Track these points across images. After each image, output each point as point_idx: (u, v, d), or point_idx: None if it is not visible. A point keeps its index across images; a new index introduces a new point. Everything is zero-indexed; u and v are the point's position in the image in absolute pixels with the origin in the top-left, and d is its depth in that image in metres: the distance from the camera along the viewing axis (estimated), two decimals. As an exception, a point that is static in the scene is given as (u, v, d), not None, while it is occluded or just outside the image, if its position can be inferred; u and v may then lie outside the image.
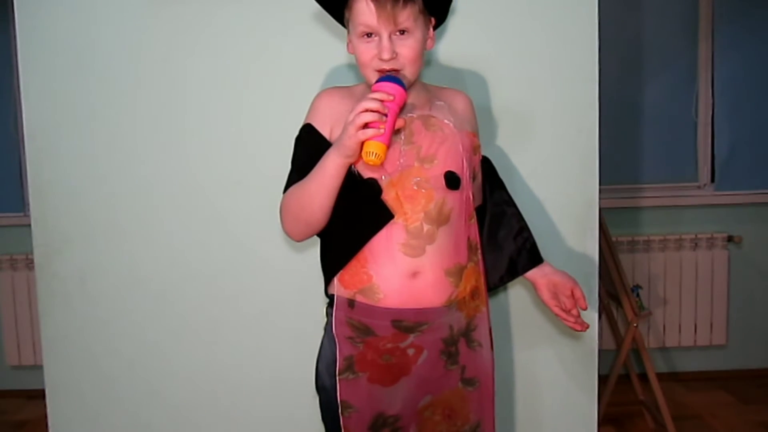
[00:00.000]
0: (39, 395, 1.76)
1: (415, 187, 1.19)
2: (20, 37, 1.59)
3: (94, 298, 1.63)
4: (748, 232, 3.09)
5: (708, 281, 3.05)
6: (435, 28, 1.27)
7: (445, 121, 1.25)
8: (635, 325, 2.44)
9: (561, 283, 1.34)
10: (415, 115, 1.23)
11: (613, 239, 2.62)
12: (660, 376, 2.53)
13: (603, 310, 2.64)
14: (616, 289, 2.48)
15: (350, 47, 1.24)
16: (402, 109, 1.14)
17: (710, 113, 3.09)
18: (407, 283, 1.19)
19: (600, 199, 1.62)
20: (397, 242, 1.19)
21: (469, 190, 1.26)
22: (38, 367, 1.91)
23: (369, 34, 1.18)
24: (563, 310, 1.33)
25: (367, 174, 1.19)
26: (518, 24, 1.57)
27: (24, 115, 1.60)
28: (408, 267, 1.19)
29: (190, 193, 1.61)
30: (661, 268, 3.05)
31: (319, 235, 1.25)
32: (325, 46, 1.57)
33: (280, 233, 1.60)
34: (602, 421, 1.93)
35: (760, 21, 3.05)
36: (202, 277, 1.62)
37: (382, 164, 1.13)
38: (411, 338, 1.21)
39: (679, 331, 3.08)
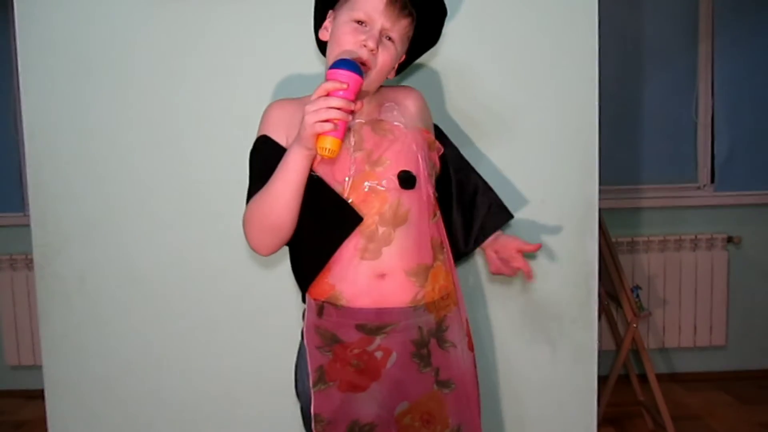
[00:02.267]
0: (38, 395, 1.76)
1: (367, 191, 1.18)
2: (20, 37, 1.59)
3: (93, 298, 1.63)
4: (748, 232, 3.09)
5: (708, 282, 3.05)
6: (399, 66, 1.28)
7: (395, 123, 1.24)
8: (635, 325, 2.44)
9: (506, 243, 1.33)
10: (363, 121, 1.23)
11: (613, 239, 2.62)
12: (659, 377, 2.53)
13: (603, 311, 2.65)
14: (615, 289, 2.48)
15: (324, 33, 1.25)
16: (357, 94, 1.12)
17: (710, 113, 3.09)
18: (368, 285, 1.18)
19: (600, 199, 1.62)
20: (354, 247, 1.18)
21: (429, 188, 1.24)
22: (38, 367, 1.91)
23: (361, 22, 1.18)
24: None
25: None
26: (518, 24, 1.57)
27: (24, 115, 1.60)
28: (367, 270, 1.18)
29: (189, 193, 1.61)
30: (661, 268, 3.05)
31: (288, 245, 1.23)
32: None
33: (279, 233, 1.60)
34: (602, 422, 1.94)
35: (760, 21, 3.05)
36: (202, 277, 1.62)
37: (334, 158, 1.14)
38: (377, 341, 1.19)
39: (679, 332, 3.08)
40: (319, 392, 1.20)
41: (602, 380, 1.88)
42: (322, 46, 1.29)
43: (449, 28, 1.56)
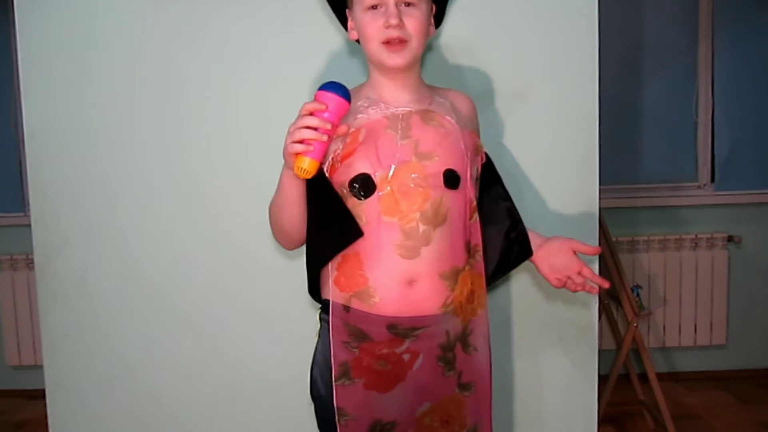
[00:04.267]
0: (39, 395, 1.76)
1: (412, 185, 1.15)
2: (20, 37, 1.59)
3: (93, 298, 1.63)
4: (748, 232, 3.09)
5: (708, 281, 3.05)
6: (435, 19, 1.26)
7: (447, 117, 1.22)
8: (635, 325, 2.44)
9: (565, 266, 1.29)
10: (413, 109, 1.20)
11: (613, 239, 2.62)
12: (660, 376, 2.53)
13: (603, 310, 2.65)
14: (616, 288, 2.48)
15: (352, 33, 1.24)
16: (341, 117, 1.11)
17: (710, 113, 3.09)
18: (403, 288, 1.16)
19: (600, 199, 1.62)
20: (392, 243, 1.15)
21: (471, 190, 1.22)
22: (38, 367, 1.91)
23: (375, 7, 1.16)
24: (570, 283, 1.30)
25: (359, 170, 1.15)
26: (518, 24, 1.57)
27: (24, 115, 1.60)
28: (403, 270, 1.15)
29: (190, 194, 1.61)
30: (661, 268, 3.05)
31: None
32: (325, 47, 1.57)
33: (280, 233, 1.60)
34: (602, 421, 1.93)
35: (760, 21, 3.05)
36: (202, 278, 1.62)
37: (314, 173, 1.11)
38: (407, 343, 1.18)
39: (679, 331, 3.08)
40: (342, 387, 1.18)
41: (603, 379, 1.88)
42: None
43: (448, 29, 1.56)
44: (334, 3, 1.27)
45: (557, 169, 1.60)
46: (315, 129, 1.09)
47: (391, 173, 1.15)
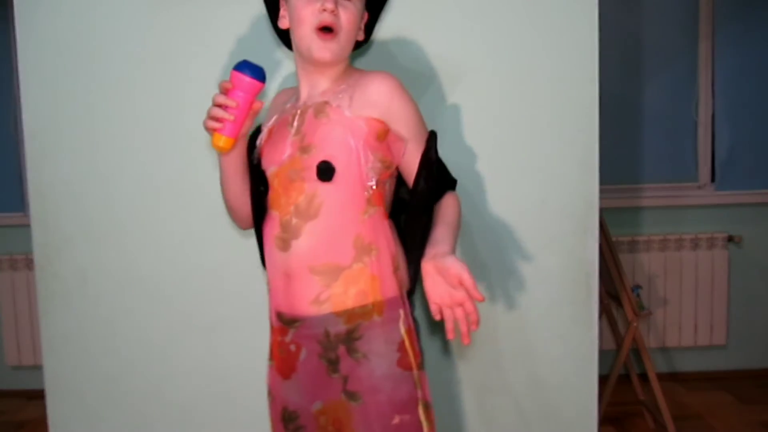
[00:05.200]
0: (39, 395, 1.76)
1: (292, 178, 1.18)
2: (20, 37, 1.59)
3: (94, 298, 1.63)
4: (748, 232, 3.09)
5: (708, 281, 3.05)
6: (366, 28, 1.28)
7: (334, 104, 1.17)
8: (635, 324, 2.44)
9: (447, 266, 1.08)
10: (310, 103, 1.21)
11: (613, 239, 2.62)
12: (660, 376, 2.53)
13: (603, 310, 2.65)
14: (616, 289, 2.48)
15: (283, 21, 1.24)
16: (250, 93, 1.16)
17: (710, 112, 3.09)
18: (282, 281, 1.19)
19: (600, 199, 1.62)
20: (273, 234, 1.20)
21: (360, 182, 1.15)
22: (38, 367, 1.91)
23: None
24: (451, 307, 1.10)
25: (262, 166, 1.23)
26: (518, 24, 1.57)
27: (24, 115, 1.60)
28: (278, 262, 1.19)
29: (189, 193, 1.61)
30: (661, 268, 3.05)
31: None
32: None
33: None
34: (603, 421, 1.94)
35: (760, 21, 3.05)
36: (202, 277, 1.62)
37: (229, 150, 1.20)
38: (290, 334, 1.20)
39: (679, 331, 3.08)
40: (269, 367, 1.28)
41: (603, 380, 1.88)
42: (284, 37, 1.30)
43: (448, 29, 1.56)
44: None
45: (557, 169, 1.60)
46: (220, 106, 1.16)
47: (275, 170, 1.20)
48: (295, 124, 1.20)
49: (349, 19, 1.18)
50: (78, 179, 1.61)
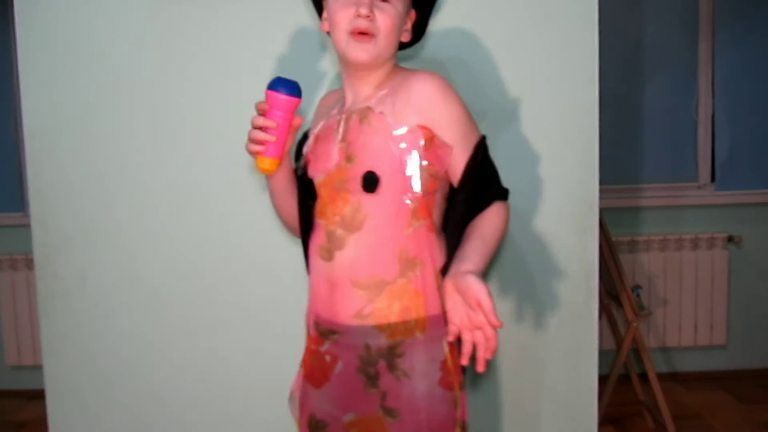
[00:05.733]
0: (39, 395, 1.76)
1: (339, 188, 1.14)
2: (20, 37, 1.59)
3: (94, 298, 1.63)
4: (748, 232, 3.09)
5: (708, 281, 3.05)
6: (415, 28, 1.21)
7: (377, 110, 1.13)
8: (635, 325, 2.44)
9: (466, 286, 1.03)
10: (354, 109, 1.16)
11: (613, 239, 2.62)
12: (660, 376, 2.53)
13: (603, 310, 2.65)
14: (616, 289, 2.49)
15: (325, 24, 1.19)
16: (288, 110, 1.14)
17: (710, 112, 3.09)
18: (325, 290, 1.16)
19: (600, 199, 1.62)
20: (317, 243, 1.18)
21: (404, 193, 1.11)
22: (38, 367, 1.91)
23: None
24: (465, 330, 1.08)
25: (310, 174, 1.20)
26: (518, 24, 1.57)
27: (24, 115, 1.60)
28: (322, 271, 1.16)
29: (190, 193, 1.61)
30: (661, 268, 3.05)
31: None
32: (325, 46, 1.57)
33: (280, 232, 1.60)
34: (603, 421, 1.94)
35: (760, 21, 3.05)
36: (203, 277, 1.62)
37: (273, 173, 1.19)
38: (327, 344, 1.17)
39: (679, 331, 3.08)
40: (299, 372, 1.25)
41: (603, 379, 1.88)
42: None
43: (448, 28, 1.56)
44: None
45: (557, 169, 1.60)
46: (261, 128, 1.14)
47: (323, 178, 1.17)
48: (341, 130, 1.15)
49: (387, 21, 1.11)
50: (78, 179, 1.61)
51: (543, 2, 1.57)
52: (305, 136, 1.26)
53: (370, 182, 1.10)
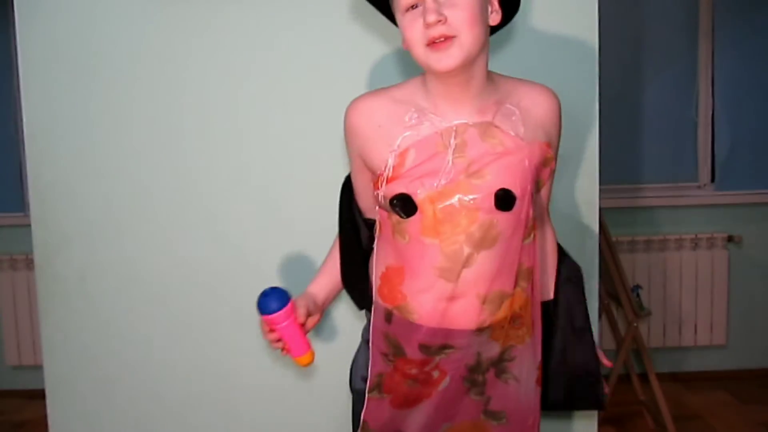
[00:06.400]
0: (39, 395, 1.76)
1: (457, 205, 1.05)
2: (20, 37, 1.59)
3: (94, 298, 1.63)
4: (748, 232, 3.09)
5: (708, 281, 3.05)
6: (505, 4, 1.09)
7: (511, 133, 1.08)
8: (635, 325, 2.44)
9: None
10: (470, 123, 1.07)
11: (614, 239, 2.62)
12: (660, 376, 2.53)
13: (603, 310, 2.64)
14: (616, 289, 2.48)
15: (404, 42, 1.08)
16: (292, 317, 1.16)
17: (710, 112, 3.09)
18: (439, 306, 1.10)
19: (600, 198, 1.62)
20: (432, 265, 1.08)
21: (528, 209, 1.09)
22: (38, 367, 1.91)
23: (414, 6, 1.02)
24: None
25: (401, 189, 1.07)
26: (518, 24, 1.57)
27: (24, 115, 1.60)
28: (441, 291, 1.09)
29: (189, 193, 1.61)
30: (661, 268, 3.05)
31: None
32: (325, 47, 1.57)
33: (279, 233, 1.60)
34: (603, 421, 1.93)
35: (760, 21, 3.05)
36: (202, 277, 1.62)
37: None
38: (436, 360, 1.13)
39: (679, 331, 3.08)
40: (372, 399, 1.16)
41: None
42: None
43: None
44: (386, 12, 1.13)
45: (557, 169, 1.59)
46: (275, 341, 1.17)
47: (431, 193, 1.06)
48: (453, 144, 1.06)
49: (463, 16, 1.00)
50: (78, 179, 1.61)
51: (543, 2, 1.57)
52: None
53: (506, 200, 1.06)
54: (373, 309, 1.18)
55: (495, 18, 1.07)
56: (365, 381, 1.17)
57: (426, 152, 1.07)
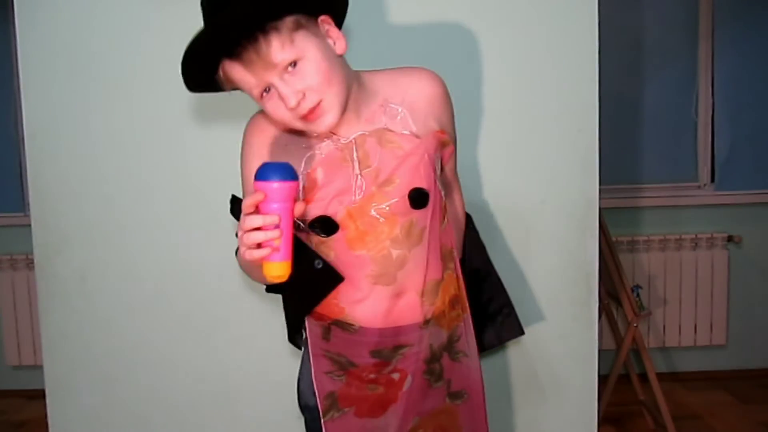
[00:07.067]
0: (39, 395, 1.76)
1: (375, 215, 1.07)
2: (20, 37, 1.59)
3: (94, 298, 1.63)
4: (748, 232, 3.09)
5: (708, 281, 3.05)
6: (338, 24, 1.08)
7: (404, 132, 1.09)
8: (635, 325, 2.44)
9: None
10: (366, 132, 1.08)
11: (613, 239, 2.62)
12: (660, 376, 2.53)
13: (603, 310, 2.65)
14: (616, 289, 2.48)
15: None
16: (286, 197, 0.94)
17: (710, 113, 3.09)
18: (381, 309, 1.11)
19: (600, 199, 1.62)
20: (366, 273, 1.10)
21: (438, 196, 1.11)
22: (38, 367, 1.91)
23: (266, 89, 1.00)
24: None
25: (318, 211, 1.07)
26: (518, 24, 1.57)
27: (24, 115, 1.60)
28: (380, 295, 1.11)
29: (189, 193, 1.61)
30: (661, 268, 3.05)
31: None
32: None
33: (280, 233, 1.60)
34: (602, 421, 1.94)
35: (760, 21, 3.05)
36: (202, 277, 1.62)
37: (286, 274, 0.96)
38: (393, 363, 1.14)
39: (679, 331, 3.08)
40: (332, 420, 1.13)
41: (602, 379, 1.88)
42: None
43: (448, 28, 1.56)
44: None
45: (557, 169, 1.60)
46: (260, 229, 0.93)
47: (350, 209, 1.07)
48: (356, 158, 1.07)
49: (314, 79, 0.98)
50: (78, 179, 1.61)
51: (543, 2, 1.57)
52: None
53: (420, 199, 1.08)
54: (307, 328, 1.16)
55: (340, 47, 1.05)
56: (314, 396, 1.15)
57: (332, 169, 1.07)
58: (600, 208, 1.63)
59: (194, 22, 1.58)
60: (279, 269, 0.95)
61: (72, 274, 1.62)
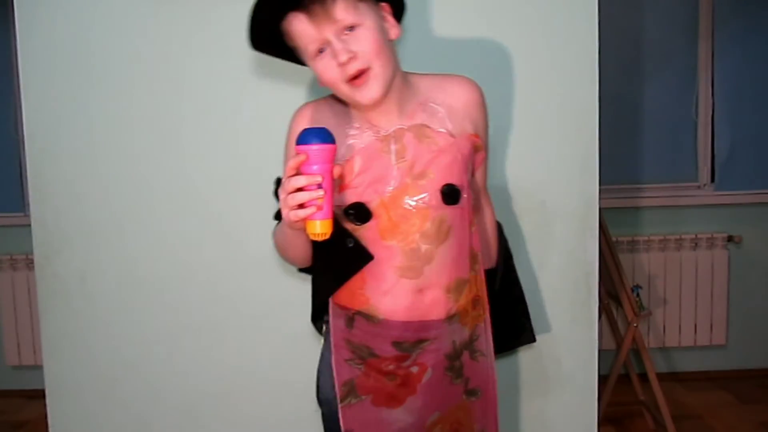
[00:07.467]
0: (39, 395, 1.76)
1: (408, 207, 1.12)
2: (20, 38, 1.59)
3: (94, 298, 1.63)
4: (748, 232, 3.09)
5: (708, 281, 3.05)
6: (396, 15, 1.15)
7: (440, 129, 1.15)
8: (635, 325, 2.44)
9: None
10: (405, 126, 1.14)
11: (613, 239, 2.62)
12: (660, 376, 2.53)
13: (603, 310, 2.65)
14: (616, 289, 2.49)
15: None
16: (327, 159, 1.01)
17: (710, 113, 3.09)
18: (406, 300, 1.14)
19: (600, 199, 1.62)
20: (393, 265, 1.13)
21: (469, 197, 1.17)
22: (38, 367, 1.91)
23: (321, 50, 1.07)
24: None
25: (354, 198, 1.12)
26: (518, 24, 1.57)
27: (24, 115, 1.60)
28: (406, 287, 1.14)
29: (189, 193, 1.61)
30: (661, 268, 3.05)
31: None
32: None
33: (280, 233, 1.60)
34: (603, 421, 1.94)
35: (760, 21, 3.05)
36: (203, 277, 1.62)
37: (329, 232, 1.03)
38: (413, 356, 1.17)
39: (679, 331, 3.08)
40: (348, 407, 1.16)
41: (603, 379, 1.88)
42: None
43: (448, 29, 1.56)
44: (291, 58, 1.16)
45: (557, 169, 1.60)
46: (304, 189, 1.01)
47: (386, 199, 1.12)
48: (394, 149, 1.13)
49: (369, 46, 1.06)
50: (78, 179, 1.61)
51: (543, 2, 1.57)
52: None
53: (452, 195, 1.14)
54: (330, 316, 1.20)
55: (395, 32, 1.13)
56: (334, 389, 1.17)
57: (370, 159, 1.13)
58: (600, 208, 1.63)
59: (194, 22, 1.58)
60: (323, 227, 1.02)
61: (72, 275, 1.62)
